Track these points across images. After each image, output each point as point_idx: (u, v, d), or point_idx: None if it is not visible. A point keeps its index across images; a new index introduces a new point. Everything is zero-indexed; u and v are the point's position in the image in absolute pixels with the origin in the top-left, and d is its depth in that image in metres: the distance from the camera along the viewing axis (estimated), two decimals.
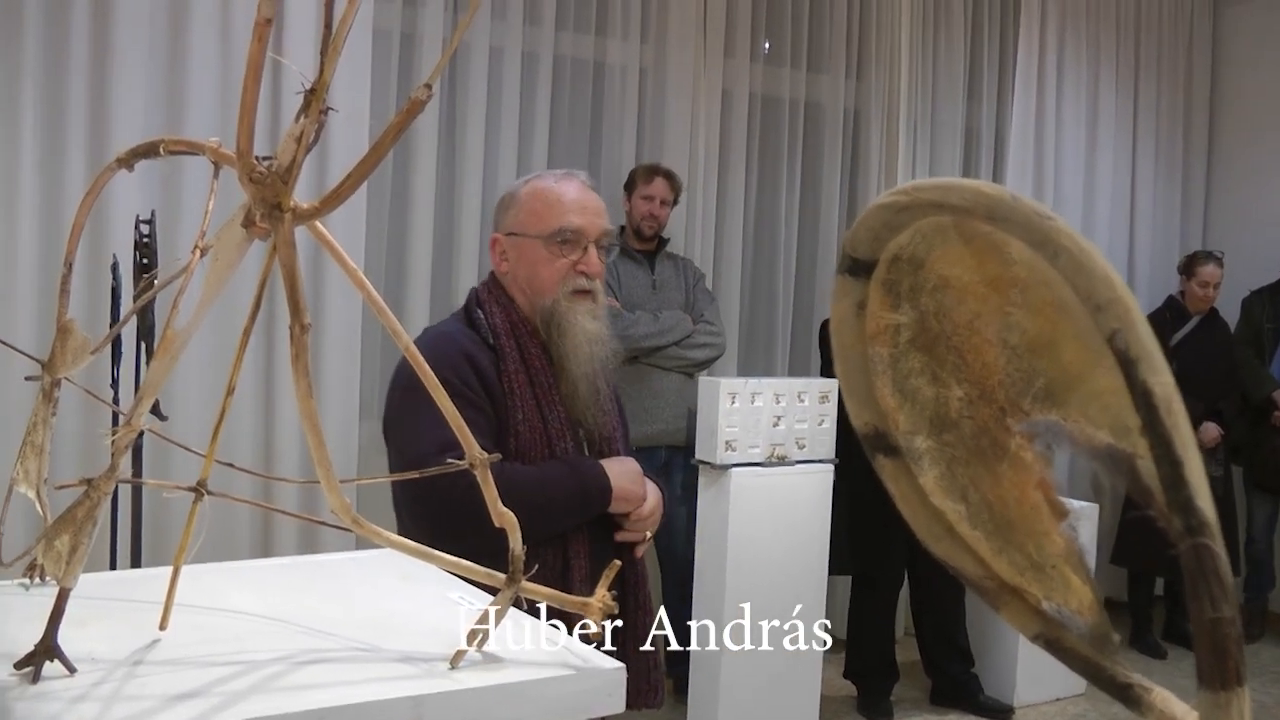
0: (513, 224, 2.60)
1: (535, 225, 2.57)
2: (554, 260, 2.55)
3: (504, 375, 2.47)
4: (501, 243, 2.62)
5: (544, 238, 2.55)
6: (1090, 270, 0.72)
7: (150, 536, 3.86)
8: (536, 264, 2.56)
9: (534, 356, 2.53)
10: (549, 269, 2.55)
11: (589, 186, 2.66)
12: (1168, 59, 7.81)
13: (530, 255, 2.57)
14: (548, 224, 2.55)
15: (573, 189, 2.60)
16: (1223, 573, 0.70)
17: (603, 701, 1.19)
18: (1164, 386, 0.71)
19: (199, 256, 1.20)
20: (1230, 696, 0.71)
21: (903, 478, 0.95)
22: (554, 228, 2.55)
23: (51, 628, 1.08)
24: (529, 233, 2.57)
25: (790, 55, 6.45)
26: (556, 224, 2.55)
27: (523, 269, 2.58)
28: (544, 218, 2.56)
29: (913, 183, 0.83)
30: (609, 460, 2.55)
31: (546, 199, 2.58)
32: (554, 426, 2.49)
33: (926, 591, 5.70)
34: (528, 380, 2.49)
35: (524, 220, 2.58)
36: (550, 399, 2.50)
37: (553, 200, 2.58)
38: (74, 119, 4.42)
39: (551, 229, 2.55)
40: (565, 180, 2.62)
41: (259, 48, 1.01)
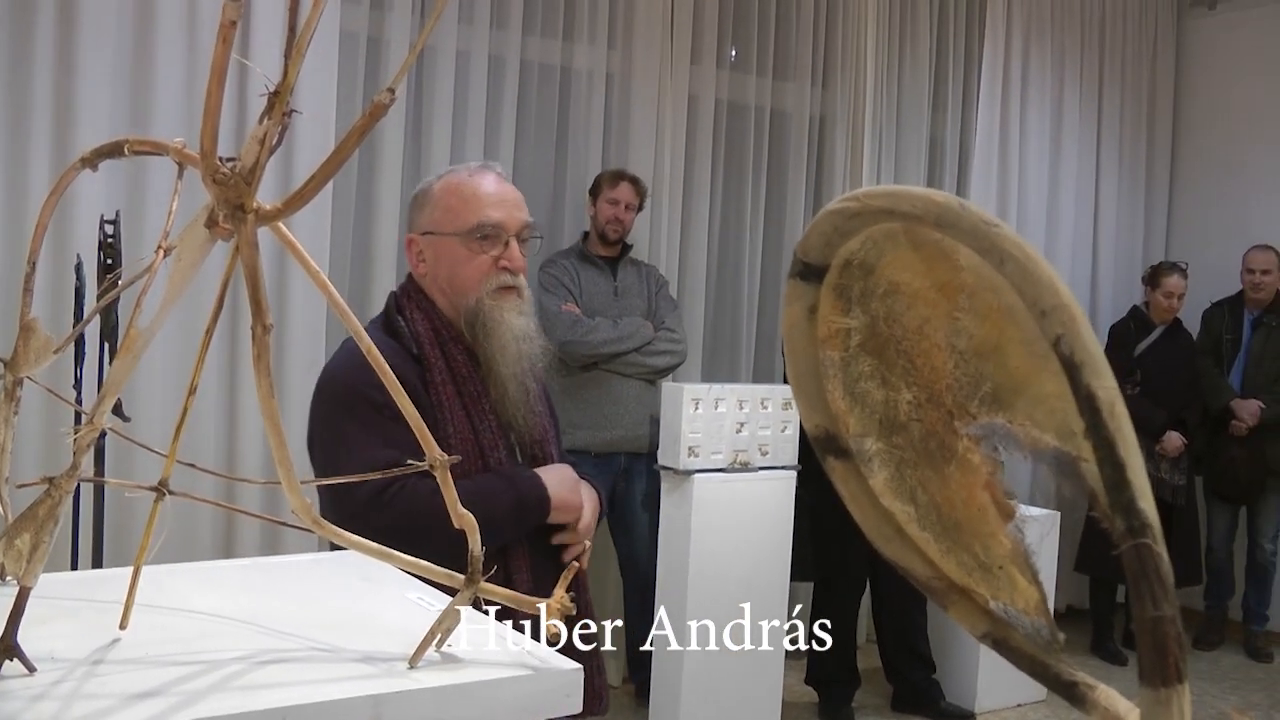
0: (428, 222, 2.51)
1: (452, 222, 2.47)
2: (474, 257, 2.46)
3: (431, 386, 2.38)
4: (418, 243, 2.52)
5: (462, 235, 2.45)
6: (1036, 277, 0.74)
7: (112, 537, 3.84)
8: (456, 263, 2.47)
9: (460, 364, 2.43)
10: (469, 267, 2.46)
11: (504, 178, 2.56)
12: (1132, 70, 7.87)
13: (449, 254, 2.47)
14: (465, 220, 2.46)
15: (489, 182, 2.51)
16: (1163, 572, 0.72)
17: (561, 702, 1.20)
18: (1107, 391, 0.73)
19: (162, 256, 1.21)
20: (1170, 693, 0.73)
21: (853, 479, 0.97)
22: (472, 223, 2.45)
23: (11, 626, 1.08)
24: (446, 230, 2.47)
25: (756, 62, 6.48)
26: (474, 219, 2.46)
27: (442, 269, 2.49)
28: (460, 214, 2.47)
29: (864, 189, 0.85)
30: (545, 469, 2.46)
31: (462, 194, 2.49)
32: (485, 436, 2.40)
33: (887, 598, 5.72)
34: (455, 390, 2.40)
35: (440, 218, 2.49)
36: (479, 407, 2.41)
37: (469, 195, 2.48)
38: (38, 119, 4.40)
39: (469, 225, 2.45)
40: (480, 173, 2.53)
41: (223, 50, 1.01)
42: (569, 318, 5.25)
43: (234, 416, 4.79)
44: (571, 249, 5.62)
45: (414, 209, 2.57)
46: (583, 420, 5.28)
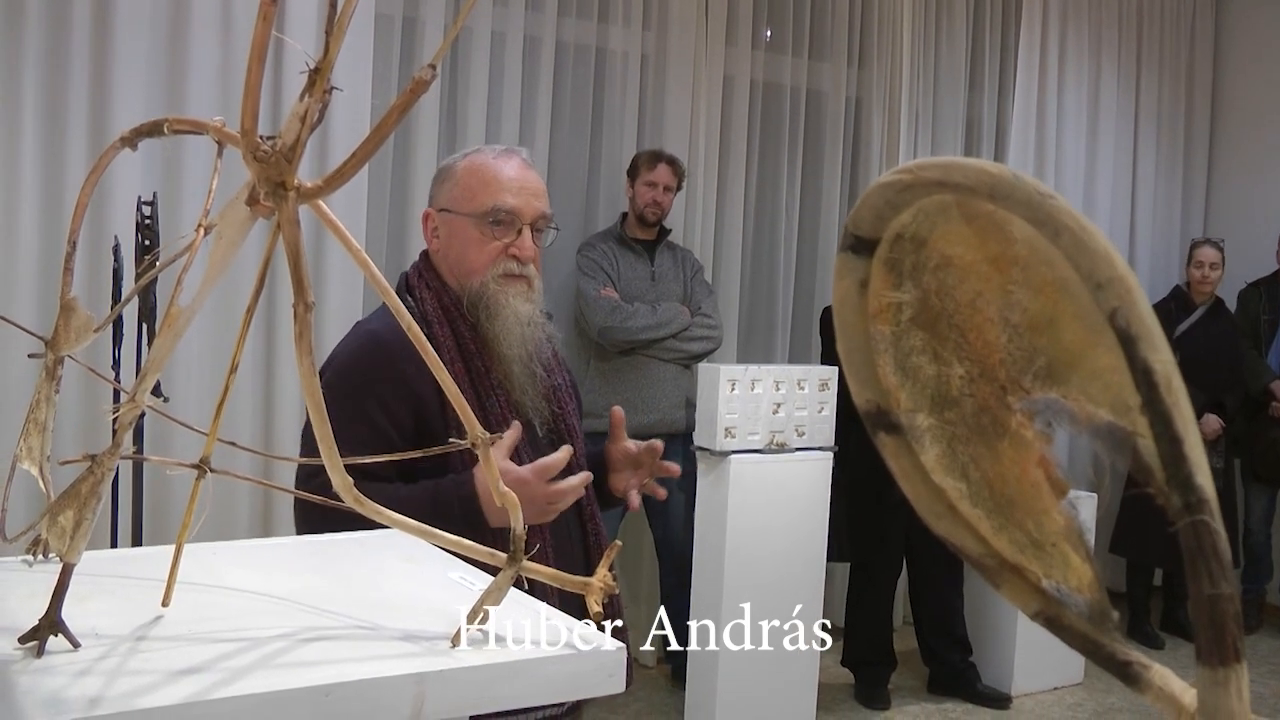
0: (446, 199, 2.48)
1: (468, 203, 2.45)
2: (485, 242, 2.43)
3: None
4: (433, 218, 2.51)
5: (475, 217, 2.43)
6: (1091, 249, 0.73)
7: (150, 516, 3.87)
8: (467, 244, 2.45)
9: (468, 340, 2.41)
10: (479, 250, 2.44)
11: (530, 165, 2.53)
12: (1170, 50, 7.80)
13: (461, 234, 2.45)
14: (481, 202, 2.43)
15: (511, 166, 2.47)
16: (1221, 549, 0.71)
17: (604, 681, 1.20)
18: (1164, 364, 0.72)
19: (203, 235, 1.20)
20: (1229, 673, 0.71)
21: (904, 455, 0.96)
22: (487, 207, 2.43)
23: (55, 603, 1.08)
24: (461, 210, 2.45)
25: (792, 43, 6.45)
26: (490, 203, 2.43)
27: (453, 248, 2.47)
28: (478, 196, 2.44)
29: (916, 161, 0.83)
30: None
31: (483, 176, 2.45)
32: (493, 413, 2.36)
33: (924, 580, 5.71)
34: (464, 368, 2.37)
35: (457, 197, 2.46)
36: (487, 385, 2.38)
37: (489, 178, 2.45)
38: (75, 100, 4.43)
39: (484, 208, 2.43)
40: (504, 157, 2.49)
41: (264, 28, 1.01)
42: (608, 303, 5.25)
43: (271, 395, 4.82)
44: (609, 231, 5.62)
45: (436, 183, 2.55)
46: (620, 404, 5.26)
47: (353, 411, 2.27)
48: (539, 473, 2.23)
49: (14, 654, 1.06)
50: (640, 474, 2.63)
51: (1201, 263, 6.79)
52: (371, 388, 2.31)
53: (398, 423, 2.29)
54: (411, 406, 2.32)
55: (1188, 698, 0.79)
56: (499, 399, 2.39)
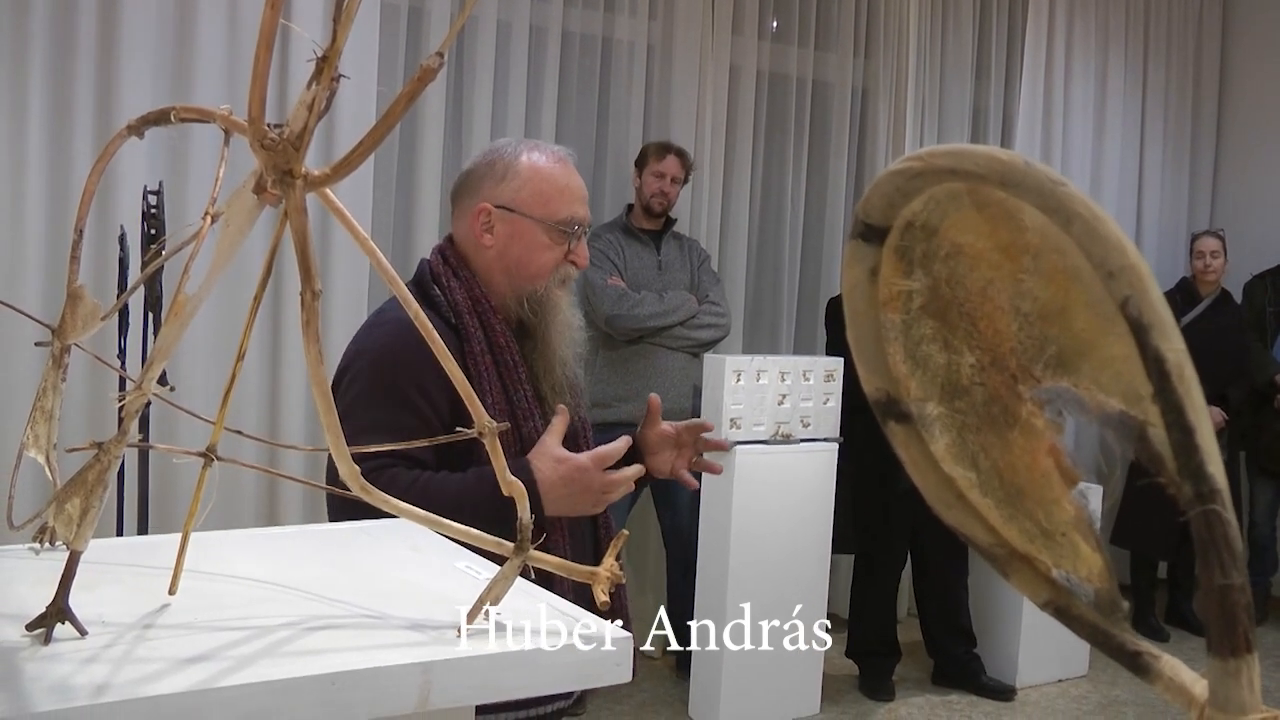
0: (511, 199, 2.42)
1: (541, 209, 2.41)
2: (553, 248, 2.42)
3: (469, 356, 2.33)
4: (491, 214, 2.43)
5: (549, 224, 2.41)
6: (1103, 237, 0.72)
7: (157, 504, 3.87)
8: (534, 248, 2.42)
9: (498, 334, 2.39)
10: (546, 255, 2.42)
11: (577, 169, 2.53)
12: (1177, 41, 7.79)
13: (528, 237, 2.41)
14: (556, 210, 2.41)
15: (573, 174, 2.47)
16: (1232, 539, 0.70)
17: (610, 671, 1.20)
18: (1176, 353, 0.71)
19: (209, 223, 1.20)
20: (1240, 664, 0.71)
21: (914, 444, 0.95)
22: (563, 216, 2.42)
23: (63, 590, 1.08)
24: (532, 214, 2.41)
25: (798, 33, 6.45)
26: (566, 213, 2.42)
27: (515, 248, 2.42)
28: (552, 203, 2.42)
29: (927, 149, 0.83)
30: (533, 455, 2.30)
31: (555, 182, 2.43)
32: (520, 407, 2.36)
33: (929, 572, 5.71)
34: (493, 361, 2.36)
35: (527, 199, 2.41)
36: (515, 377, 2.38)
37: (561, 186, 2.43)
38: (81, 88, 4.43)
39: (560, 217, 2.41)
40: (564, 164, 2.47)
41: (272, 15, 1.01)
42: (615, 291, 5.26)
43: (277, 383, 4.82)
44: (615, 222, 5.62)
45: (485, 177, 2.47)
46: (627, 393, 5.28)
47: (399, 400, 2.27)
48: (598, 461, 2.26)
49: (21, 641, 1.06)
50: (685, 453, 2.61)
51: (1202, 252, 6.78)
52: (411, 376, 2.28)
53: (438, 411, 2.28)
54: (449, 395, 2.27)
55: (1198, 688, 0.78)
56: (525, 392, 2.38)
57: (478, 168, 2.50)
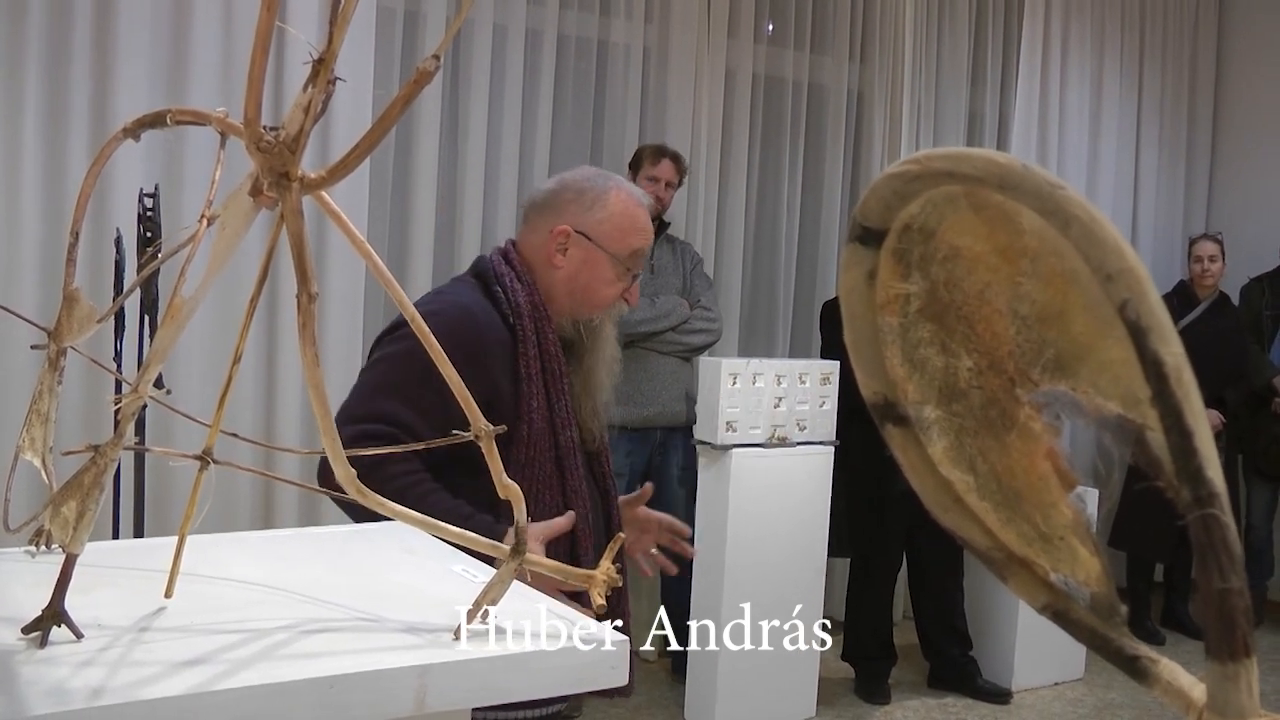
0: (593, 227, 2.47)
1: (617, 243, 2.47)
2: (616, 283, 2.48)
3: (521, 358, 2.37)
4: (569, 238, 2.47)
5: (620, 258, 2.47)
6: (1101, 240, 0.72)
7: (153, 507, 3.87)
8: (601, 281, 2.48)
9: (550, 342, 2.42)
10: (610, 289, 2.49)
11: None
12: (1172, 45, 7.79)
13: (599, 268, 2.47)
14: (627, 245, 2.48)
15: (648, 216, 2.55)
16: (1231, 543, 0.70)
17: (606, 674, 1.20)
18: (1174, 357, 0.71)
19: (206, 225, 1.20)
20: (1239, 668, 0.71)
21: (911, 448, 0.95)
22: (632, 249, 2.48)
23: (59, 593, 1.08)
24: (608, 247, 2.46)
25: (794, 36, 6.45)
26: (637, 246, 2.49)
27: (584, 276, 2.47)
28: (627, 239, 2.48)
29: (924, 152, 0.83)
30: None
31: (636, 220, 2.49)
32: (560, 416, 2.40)
33: (925, 575, 5.71)
34: (541, 368, 2.40)
35: (607, 232, 2.47)
36: (558, 388, 2.41)
37: (641, 225, 2.50)
38: (77, 91, 4.43)
39: (629, 250, 2.47)
40: (645, 209, 2.54)
41: (268, 17, 1.01)
42: None
43: (272, 386, 4.82)
44: None
45: (574, 201, 2.50)
46: (619, 397, 5.23)
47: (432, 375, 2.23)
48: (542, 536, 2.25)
49: (17, 644, 1.06)
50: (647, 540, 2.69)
51: (1200, 256, 6.78)
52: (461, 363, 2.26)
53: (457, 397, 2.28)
54: (486, 393, 2.28)
55: (1197, 692, 0.79)
56: (566, 402, 2.43)
57: (567, 189, 2.53)
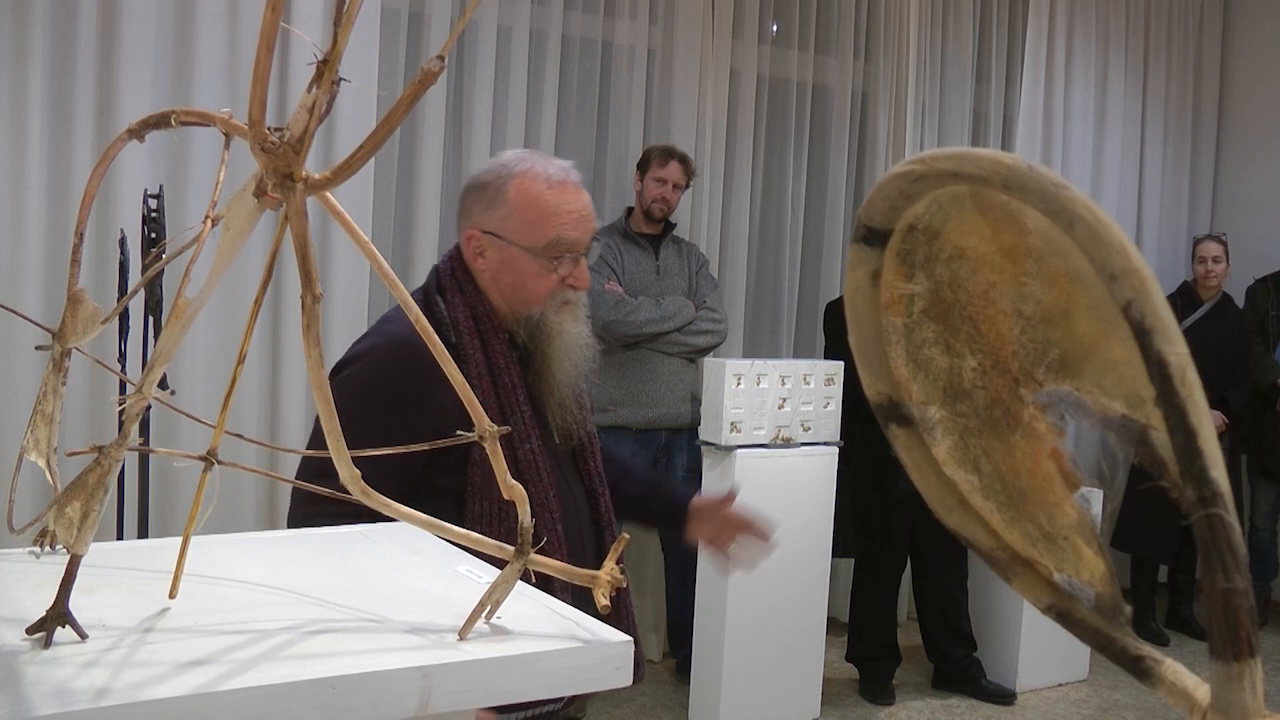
0: (499, 225, 2.36)
1: (527, 236, 2.34)
2: (544, 274, 2.35)
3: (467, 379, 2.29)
4: (480, 240, 2.37)
5: (535, 251, 2.34)
6: (1106, 240, 0.72)
7: (157, 508, 3.87)
8: (524, 276, 2.35)
9: (498, 355, 2.33)
10: (538, 283, 2.36)
11: (580, 187, 2.42)
12: (1177, 44, 7.79)
13: (518, 265, 2.35)
14: (541, 236, 2.33)
15: (569, 196, 2.37)
16: (1235, 543, 0.70)
17: (610, 675, 1.19)
18: (1178, 357, 0.71)
19: (210, 226, 1.20)
20: (1243, 668, 0.71)
21: (916, 448, 0.95)
22: (548, 240, 2.33)
23: (63, 594, 1.08)
24: (519, 243, 2.34)
25: (798, 37, 6.45)
26: (551, 236, 2.33)
27: (507, 276, 2.37)
28: (538, 229, 2.34)
29: (929, 152, 0.83)
30: None
31: (541, 209, 2.34)
32: (517, 429, 2.29)
33: (928, 576, 5.70)
34: (491, 383, 2.30)
35: (513, 227, 2.34)
36: (512, 400, 2.31)
37: (550, 210, 2.34)
38: (81, 92, 4.43)
39: (545, 241, 2.33)
40: (560, 187, 2.37)
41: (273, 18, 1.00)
42: (612, 297, 5.25)
43: (277, 387, 4.82)
44: (614, 226, 5.61)
45: (477, 199, 2.41)
46: (624, 398, 5.28)
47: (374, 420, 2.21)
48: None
49: (21, 645, 1.06)
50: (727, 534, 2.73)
51: (1204, 257, 6.77)
52: (398, 408, 2.23)
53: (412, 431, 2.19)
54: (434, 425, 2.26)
55: (1200, 693, 0.78)
56: (523, 415, 2.32)
57: (472, 188, 2.44)
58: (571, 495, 2.44)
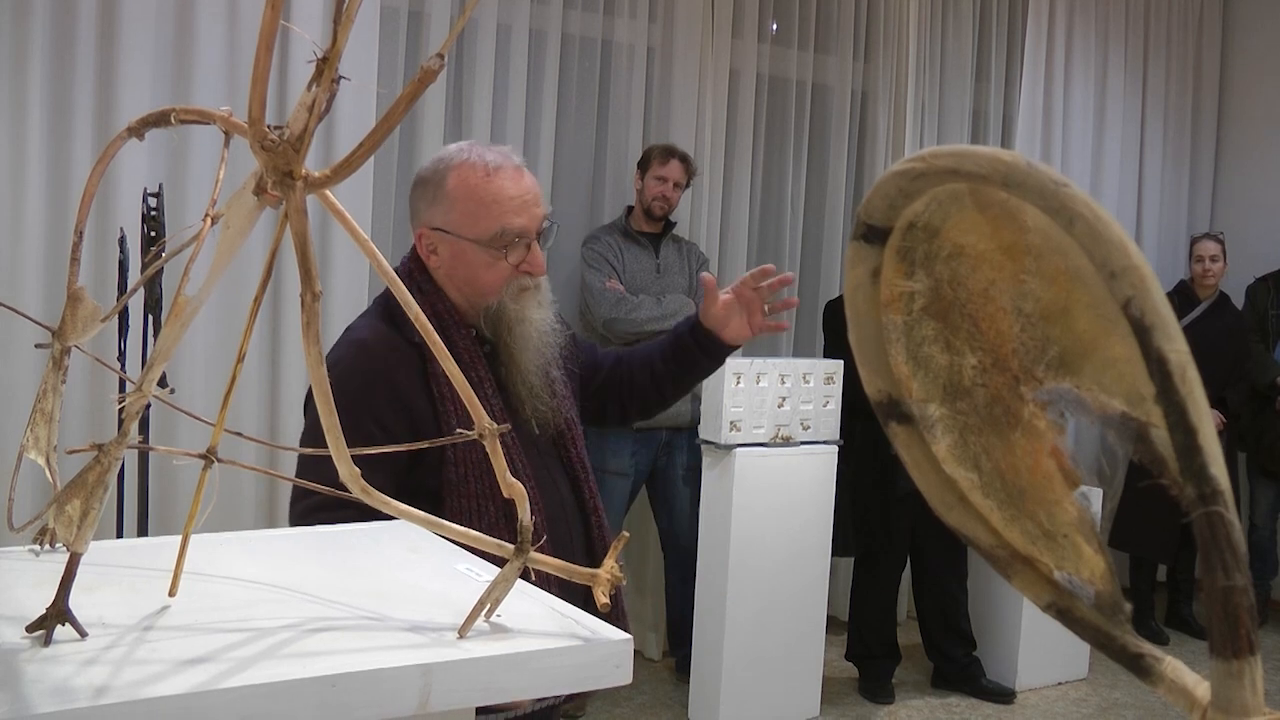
0: (443, 220, 2.34)
1: (471, 228, 2.32)
2: (495, 264, 2.33)
3: (432, 377, 2.27)
4: (429, 237, 2.37)
5: (482, 242, 2.32)
6: (1106, 237, 0.72)
7: (157, 506, 3.87)
8: (475, 268, 2.34)
9: (463, 349, 2.31)
10: (490, 273, 2.34)
11: (522, 169, 2.39)
12: (1177, 43, 7.79)
13: (467, 258, 2.34)
14: (486, 227, 2.32)
15: (508, 182, 2.34)
16: (1235, 541, 0.70)
17: (610, 672, 1.19)
18: (1178, 354, 0.71)
19: (209, 224, 1.20)
20: (1243, 665, 0.71)
21: (916, 446, 0.95)
22: (494, 230, 2.31)
23: (63, 592, 1.08)
24: (464, 235, 2.33)
25: (798, 36, 6.44)
26: (496, 226, 2.31)
27: (459, 270, 2.36)
28: (480, 220, 2.32)
29: (929, 149, 0.83)
30: None
31: (480, 198, 2.32)
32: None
33: (928, 575, 5.70)
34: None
35: (457, 220, 2.33)
36: (482, 393, 2.28)
37: (488, 200, 2.32)
38: (81, 90, 4.43)
39: (491, 232, 2.32)
40: (497, 173, 2.34)
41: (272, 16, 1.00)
42: (613, 295, 5.25)
43: (276, 385, 4.82)
44: (614, 224, 5.61)
45: (421, 196, 2.40)
46: None
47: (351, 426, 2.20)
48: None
49: (21, 643, 1.06)
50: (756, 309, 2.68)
51: (1201, 256, 6.77)
52: (367, 401, 2.24)
53: (393, 435, 2.21)
54: (406, 417, 2.26)
55: (1200, 690, 0.78)
56: (494, 407, 2.30)
57: (415, 185, 2.43)
58: (555, 485, 2.43)
